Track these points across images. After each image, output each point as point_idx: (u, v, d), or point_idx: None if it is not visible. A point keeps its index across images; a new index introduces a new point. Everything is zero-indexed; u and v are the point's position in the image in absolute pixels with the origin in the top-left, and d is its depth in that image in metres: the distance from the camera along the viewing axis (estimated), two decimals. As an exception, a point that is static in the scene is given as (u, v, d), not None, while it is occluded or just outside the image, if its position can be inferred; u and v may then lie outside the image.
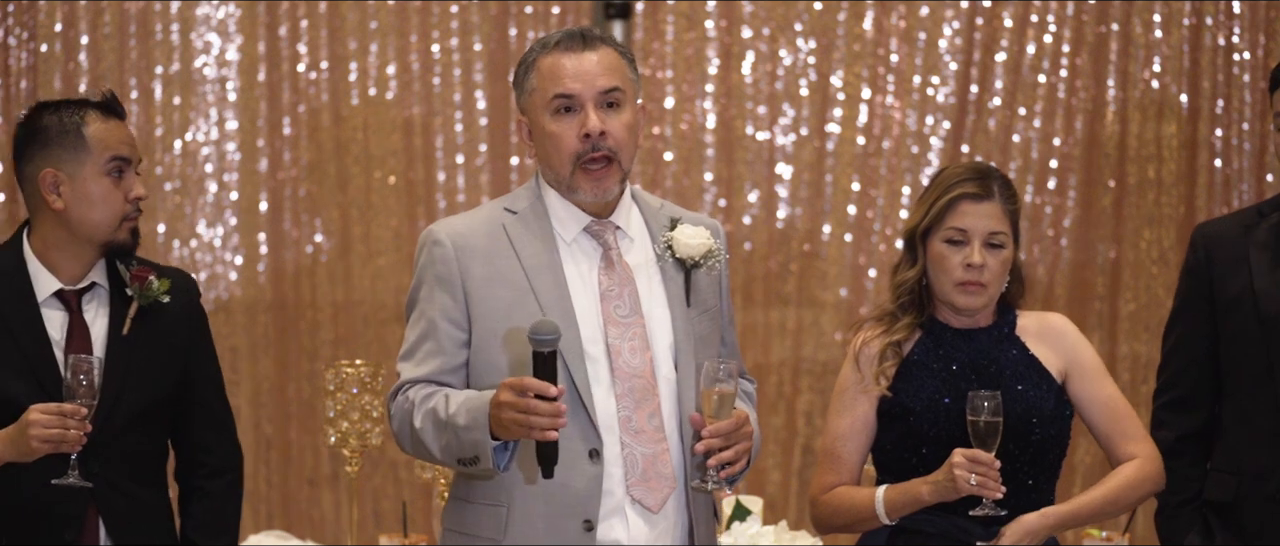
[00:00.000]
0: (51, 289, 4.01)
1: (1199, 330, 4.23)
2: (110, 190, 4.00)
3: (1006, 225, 3.95)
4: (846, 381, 4.01)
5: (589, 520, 3.54)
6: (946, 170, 4.04)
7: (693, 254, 3.67)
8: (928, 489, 3.84)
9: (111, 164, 4.00)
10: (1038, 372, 3.98)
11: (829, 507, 3.99)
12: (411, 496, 6.68)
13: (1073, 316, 6.95)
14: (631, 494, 3.57)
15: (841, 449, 3.99)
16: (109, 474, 3.95)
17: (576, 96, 3.58)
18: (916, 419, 3.90)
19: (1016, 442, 3.85)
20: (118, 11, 6.87)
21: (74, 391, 3.79)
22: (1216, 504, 4.19)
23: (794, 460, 6.97)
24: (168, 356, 4.07)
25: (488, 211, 3.72)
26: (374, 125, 6.96)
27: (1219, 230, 4.28)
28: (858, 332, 4.05)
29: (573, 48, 3.60)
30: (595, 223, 3.66)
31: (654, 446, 3.58)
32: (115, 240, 4.02)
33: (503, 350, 3.57)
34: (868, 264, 6.97)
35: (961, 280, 3.93)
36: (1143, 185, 6.93)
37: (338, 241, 6.97)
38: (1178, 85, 6.89)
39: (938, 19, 6.94)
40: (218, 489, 4.17)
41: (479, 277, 3.61)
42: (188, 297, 4.15)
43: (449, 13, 6.97)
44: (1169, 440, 4.24)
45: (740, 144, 7.00)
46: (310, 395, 6.92)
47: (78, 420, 3.78)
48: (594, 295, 3.62)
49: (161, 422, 4.10)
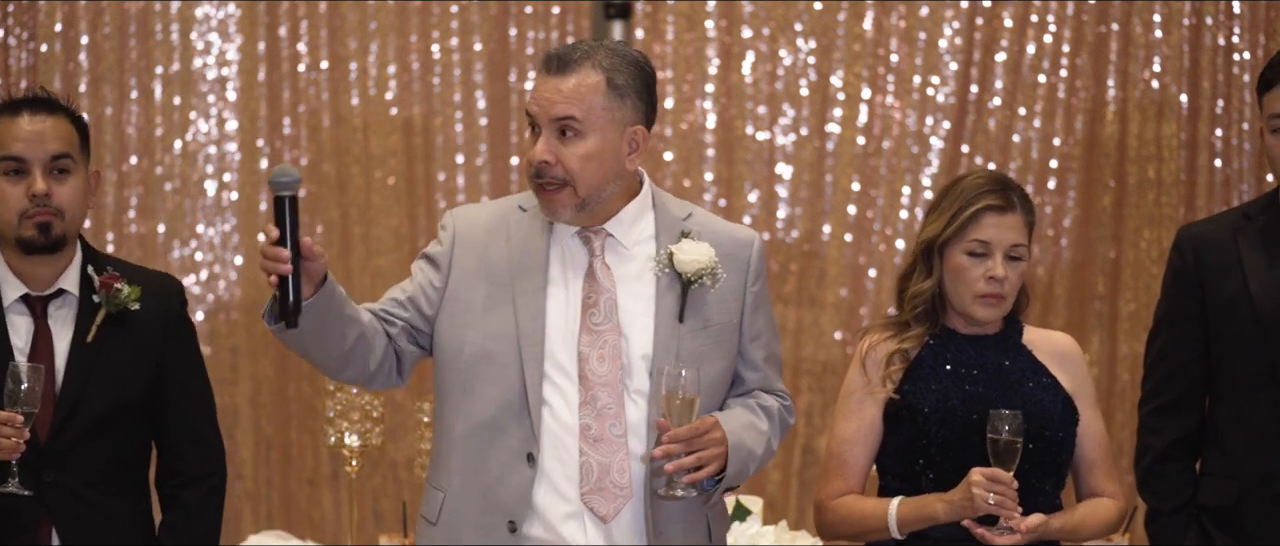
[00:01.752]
0: (17, 294, 3.98)
1: (1189, 333, 4.22)
2: (5, 189, 3.94)
3: (1026, 237, 3.93)
4: (853, 385, 3.98)
5: (513, 521, 3.55)
6: (965, 180, 3.98)
7: (689, 269, 3.65)
8: (943, 507, 3.80)
9: (4, 163, 3.94)
10: (1046, 377, 3.96)
11: (837, 515, 3.96)
12: (411, 496, 6.66)
13: (1073, 316, 7.01)
14: (585, 502, 3.56)
15: (848, 454, 3.96)
16: (66, 481, 3.92)
17: (536, 118, 3.60)
18: (924, 420, 3.88)
19: (1032, 442, 3.83)
20: (118, 11, 6.86)
21: (16, 398, 3.74)
22: (1213, 508, 4.18)
23: (794, 460, 6.97)
24: (136, 364, 4.02)
25: (503, 205, 3.76)
26: (374, 125, 6.96)
27: (1206, 233, 4.26)
28: (865, 337, 4.03)
29: (550, 68, 3.60)
30: (586, 228, 3.66)
31: (612, 456, 3.57)
32: (21, 237, 3.95)
33: (468, 338, 3.63)
34: (868, 264, 6.96)
35: (983, 293, 3.90)
36: (1143, 185, 6.93)
37: (338, 241, 6.96)
38: (1178, 85, 6.89)
39: (938, 19, 6.94)
40: (193, 498, 4.10)
41: (467, 268, 3.66)
42: (165, 304, 4.09)
43: (449, 13, 6.97)
44: (1159, 446, 4.23)
45: (740, 144, 7.00)
46: (310, 395, 6.92)
47: (14, 428, 3.73)
48: (576, 301, 3.63)
49: (132, 430, 4.05)
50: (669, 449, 3.48)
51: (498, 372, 3.59)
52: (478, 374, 3.61)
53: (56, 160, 3.97)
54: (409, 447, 6.49)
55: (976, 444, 3.78)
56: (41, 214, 3.95)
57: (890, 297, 6.79)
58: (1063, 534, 3.91)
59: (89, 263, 4.04)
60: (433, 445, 3.76)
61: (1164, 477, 4.20)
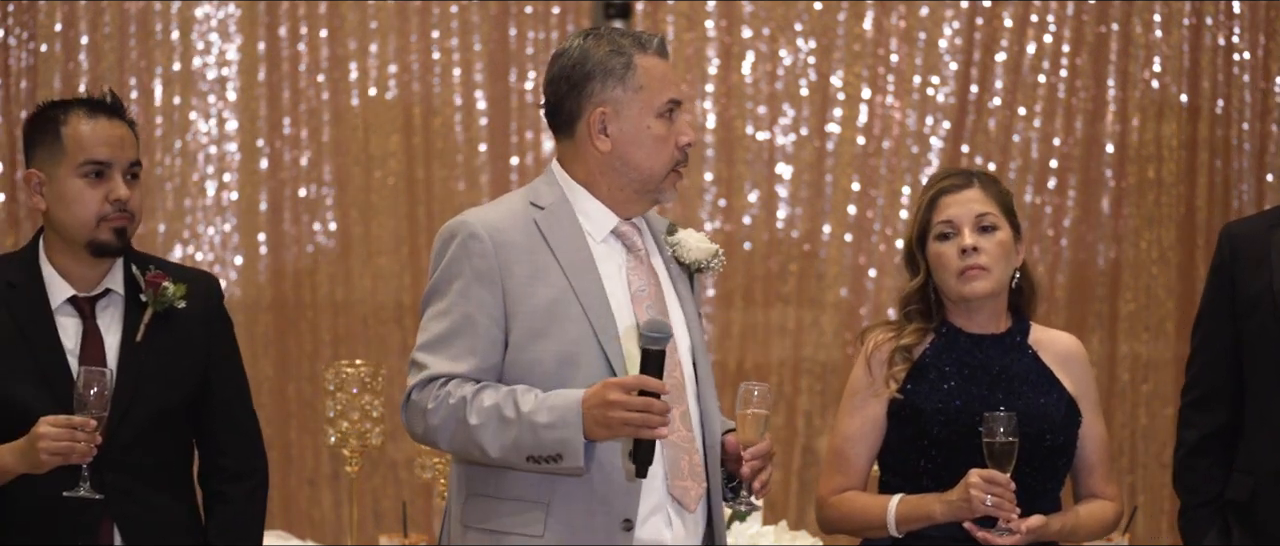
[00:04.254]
0: (65, 295, 3.98)
1: (1221, 329, 4.22)
2: (84, 191, 3.94)
3: (993, 207, 3.94)
4: (857, 383, 3.99)
5: (629, 519, 3.51)
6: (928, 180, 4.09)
7: (698, 258, 3.69)
8: (941, 508, 3.82)
9: (86, 167, 3.94)
10: (1050, 381, 3.96)
11: (837, 511, 3.97)
12: (411, 496, 6.67)
13: (1073, 316, 7.01)
14: (671, 492, 3.55)
15: (850, 451, 3.97)
16: (123, 482, 3.92)
17: (682, 104, 3.64)
18: (927, 420, 3.88)
19: (1030, 447, 3.83)
20: (118, 11, 6.86)
21: (84, 403, 3.76)
22: (1235, 504, 4.17)
23: (794, 460, 6.97)
24: (185, 362, 4.03)
25: (514, 205, 3.66)
26: (374, 125, 6.96)
27: (1245, 229, 4.26)
28: (869, 336, 4.04)
29: (663, 52, 3.65)
30: (624, 223, 3.66)
31: (688, 446, 3.58)
32: (96, 241, 3.96)
33: (544, 348, 3.54)
34: (868, 264, 6.97)
35: (960, 269, 3.92)
36: (1143, 185, 6.93)
37: (338, 241, 6.96)
38: (1178, 85, 6.89)
39: (938, 19, 6.94)
40: (239, 494, 4.10)
41: (520, 276, 3.55)
42: (208, 300, 4.09)
43: (449, 13, 6.97)
44: (1192, 439, 4.22)
45: (740, 144, 7.00)
46: (310, 395, 6.92)
47: (87, 432, 3.74)
48: (626, 295, 3.61)
49: (180, 428, 4.06)
50: (754, 465, 3.56)
51: (586, 377, 3.51)
52: (565, 379, 3.52)
53: (133, 166, 4.00)
54: (409, 447, 6.48)
55: (977, 445, 3.79)
56: (120, 219, 3.96)
57: (891, 298, 6.81)
58: (1062, 535, 3.92)
59: (132, 262, 4.04)
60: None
61: (1193, 471, 4.20)
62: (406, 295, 6.96)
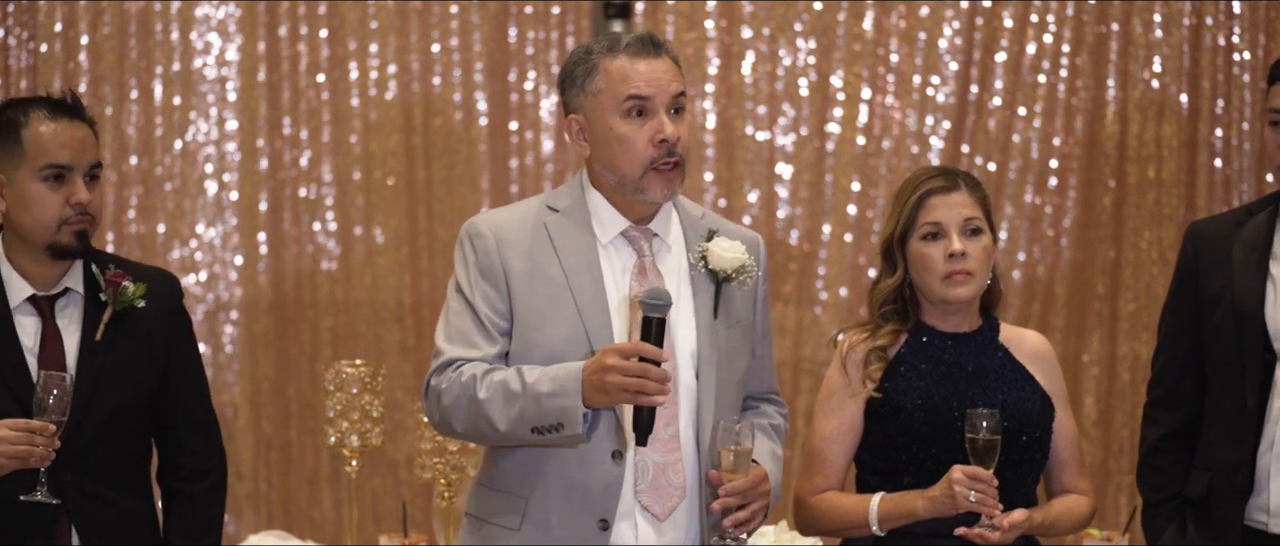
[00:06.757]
0: (24, 295, 3.97)
1: (1183, 327, 4.26)
2: (45, 194, 3.92)
3: (979, 211, 3.96)
4: (833, 384, 4.02)
5: (605, 519, 3.57)
6: (910, 176, 4.06)
7: (726, 267, 3.70)
8: (923, 504, 3.84)
9: (47, 170, 3.92)
10: (1024, 377, 4.00)
11: (816, 511, 4.00)
12: (411, 496, 6.68)
13: (1073, 316, 7.01)
14: (640, 500, 3.58)
15: (828, 451, 4.00)
16: (81, 481, 3.92)
17: (650, 100, 3.60)
18: (906, 416, 3.90)
19: (1008, 443, 3.85)
20: (118, 11, 6.87)
21: (44, 407, 3.75)
22: (1193, 500, 4.21)
23: (794, 460, 6.96)
24: (144, 361, 4.03)
25: (529, 208, 3.74)
26: (374, 125, 6.97)
27: (1209, 228, 4.30)
28: (845, 336, 4.06)
29: (644, 52, 3.62)
30: (633, 227, 3.69)
31: (667, 455, 3.60)
32: (57, 243, 3.95)
33: (537, 345, 3.60)
34: (868, 264, 6.96)
35: (947, 272, 3.93)
36: (1143, 185, 6.93)
37: (338, 241, 6.97)
38: (1178, 85, 6.89)
39: (938, 19, 6.93)
40: (199, 491, 4.13)
41: (519, 272, 3.63)
42: (167, 300, 4.10)
43: (449, 13, 6.97)
44: (1153, 438, 4.27)
45: (740, 144, 7.00)
46: (310, 395, 6.92)
47: (46, 437, 3.75)
48: (625, 299, 3.64)
49: (139, 427, 4.06)
50: (727, 502, 3.56)
51: None
52: None
53: (93, 168, 3.99)
54: (409, 447, 6.48)
55: (957, 441, 3.81)
56: (81, 222, 3.95)
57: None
58: (1042, 529, 3.96)
59: (92, 261, 4.03)
60: (492, 450, 3.73)
61: (1155, 469, 4.23)
62: (406, 295, 6.97)
